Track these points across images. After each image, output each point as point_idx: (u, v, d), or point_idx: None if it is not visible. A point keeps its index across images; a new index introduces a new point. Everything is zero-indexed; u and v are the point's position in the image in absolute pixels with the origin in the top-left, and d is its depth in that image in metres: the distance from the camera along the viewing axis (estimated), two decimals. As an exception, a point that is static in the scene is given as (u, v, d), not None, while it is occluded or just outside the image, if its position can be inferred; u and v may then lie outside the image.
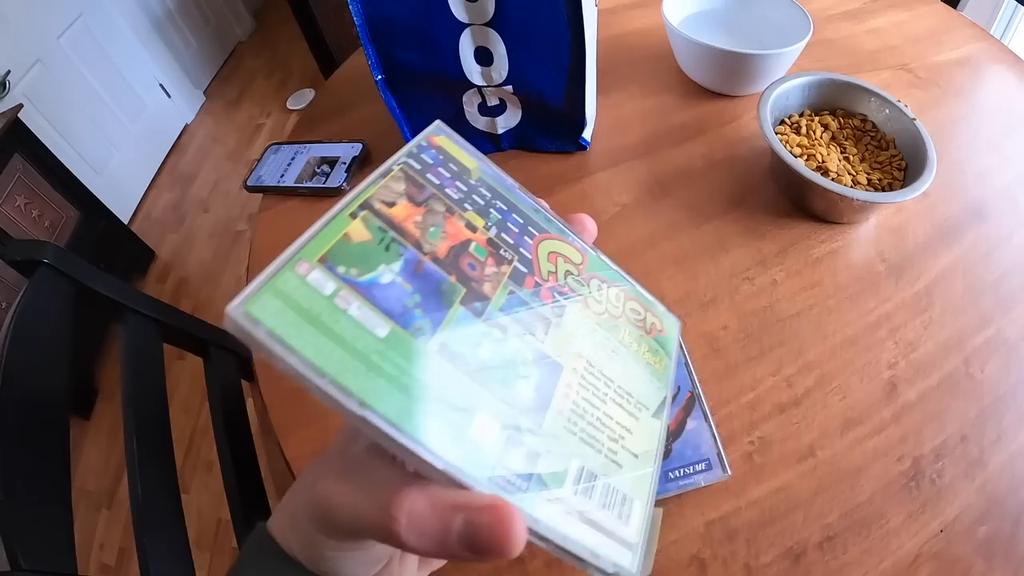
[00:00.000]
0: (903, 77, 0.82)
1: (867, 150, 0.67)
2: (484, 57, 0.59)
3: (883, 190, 0.62)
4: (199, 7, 2.80)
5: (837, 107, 0.71)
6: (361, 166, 0.67)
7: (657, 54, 0.83)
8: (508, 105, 0.66)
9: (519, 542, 0.19)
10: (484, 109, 0.65)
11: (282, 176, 0.67)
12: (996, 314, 0.60)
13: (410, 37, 0.57)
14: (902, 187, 0.60)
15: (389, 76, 0.61)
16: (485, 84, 0.61)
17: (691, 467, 0.45)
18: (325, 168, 0.66)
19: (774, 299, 0.59)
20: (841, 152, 0.67)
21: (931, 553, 0.45)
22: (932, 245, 0.65)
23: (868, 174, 0.64)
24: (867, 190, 0.61)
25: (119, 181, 2.17)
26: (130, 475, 0.61)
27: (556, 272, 0.27)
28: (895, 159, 0.65)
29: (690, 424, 0.47)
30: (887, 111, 0.68)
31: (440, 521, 0.19)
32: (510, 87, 0.62)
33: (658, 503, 0.43)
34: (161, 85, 2.46)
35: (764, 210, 0.66)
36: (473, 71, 0.60)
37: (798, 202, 0.65)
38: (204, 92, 2.84)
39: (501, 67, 0.59)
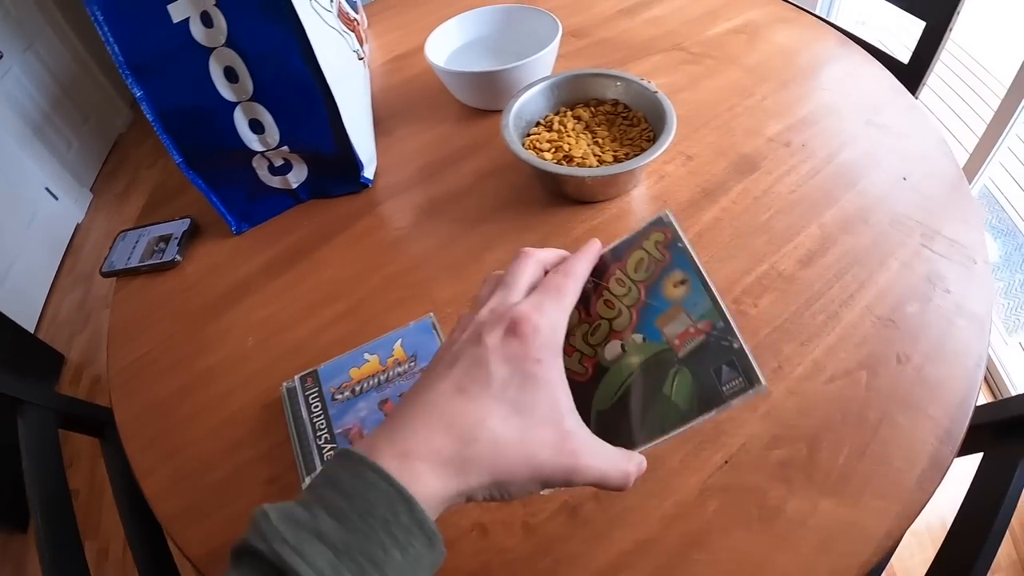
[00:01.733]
0: (676, 56, 0.86)
1: (620, 130, 0.71)
2: (257, 127, 0.66)
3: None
4: (76, 106, 2.81)
5: (591, 98, 0.75)
6: (191, 239, 0.74)
7: (438, 90, 0.89)
8: (292, 163, 0.72)
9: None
10: (273, 169, 0.72)
11: (128, 259, 0.73)
12: (768, 252, 0.62)
13: (195, 121, 0.64)
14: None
15: (188, 158, 0.67)
16: (264, 149, 0.68)
17: None
18: (162, 245, 0.73)
19: None
20: (592, 138, 0.70)
21: (718, 486, 0.46)
22: (697, 203, 0.67)
23: (615, 152, 0.68)
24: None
25: (21, 289, 2.15)
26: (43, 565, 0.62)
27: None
28: (645, 132, 0.69)
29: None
30: (634, 91, 0.71)
31: (638, 471, 0.33)
32: (286, 147, 0.68)
33: None
34: (47, 189, 2.43)
35: (528, 207, 0.70)
36: (252, 140, 0.66)
37: (556, 192, 0.69)
38: (91, 189, 2.78)
39: (272, 133, 0.66)
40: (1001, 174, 2.09)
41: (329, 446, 0.48)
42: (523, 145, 0.71)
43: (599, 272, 0.39)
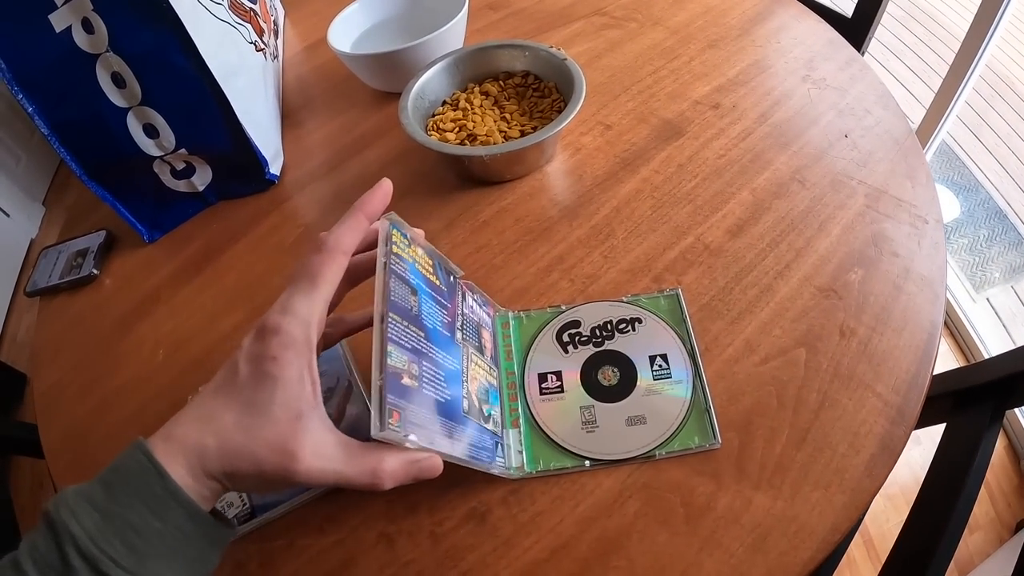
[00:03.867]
0: (597, 22, 0.81)
1: (531, 103, 0.65)
2: (151, 131, 0.64)
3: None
4: (21, 118, 2.68)
5: (500, 71, 0.69)
6: (108, 251, 0.71)
7: (349, 75, 0.83)
8: (195, 165, 0.69)
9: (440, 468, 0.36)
10: (176, 173, 0.69)
11: (49, 276, 0.71)
12: (693, 223, 0.57)
13: (89, 131, 0.62)
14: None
15: (88, 169, 0.65)
16: (162, 153, 0.65)
17: None
18: (79, 260, 0.71)
19: None
20: (500, 113, 0.64)
21: (638, 484, 0.42)
22: (616, 174, 0.62)
23: (523, 126, 0.62)
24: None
25: None
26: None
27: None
28: (556, 103, 0.63)
29: (350, 411, 0.48)
30: (542, 60, 0.66)
31: (405, 471, 0.35)
32: (183, 150, 0.66)
33: (336, 492, 0.45)
34: None
35: (433, 192, 0.65)
36: (148, 145, 0.64)
37: (464, 175, 0.64)
38: (43, 203, 2.77)
39: (168, 136, 0.64)
40: (960, 129, 2.06)
41: None
42: (427, 127, 0.65)
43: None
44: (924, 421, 0.62)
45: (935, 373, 0.61)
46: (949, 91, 1.39)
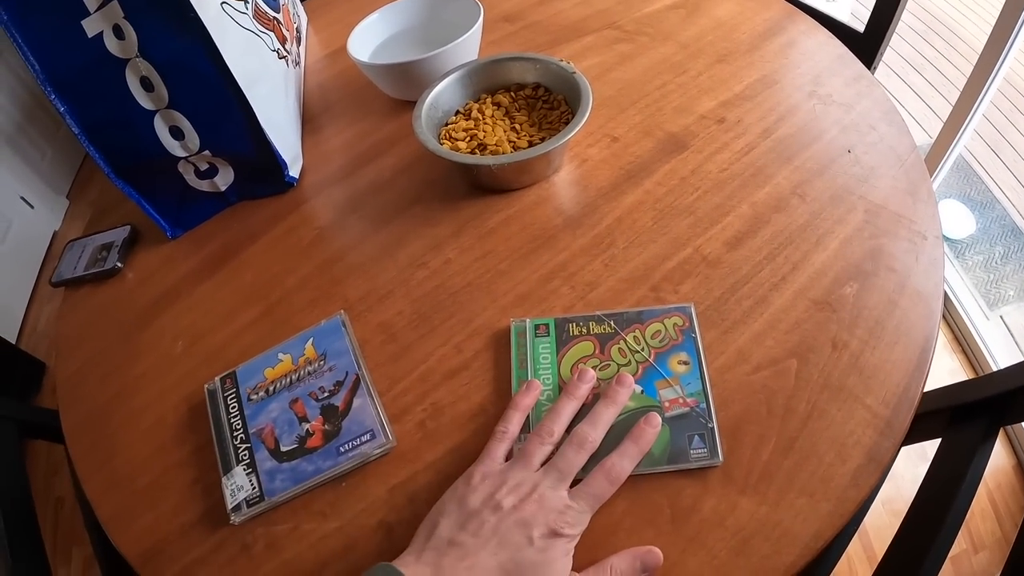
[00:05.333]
0: (609, 35, 0.82)
1: (540, 114, 0.67)
2: (177, 133, 0.66)
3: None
4: (48, 113, 2.76)
5: (512, 83, 0.71)
6: (132, 245, 0.74)
7: (368, 83, 0.85)
8: (218, 166, 0.72)
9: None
10: (200, 174, 0.72)
11: (75, 268, 0.74)
12: (692, 235, 0.58)
13: (118, 132, 0.65)
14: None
15: (116, 168, 0.68)
16: (187, 155, 0.68)
17: (357, 439, 0.48)
18: (104, 254, 0.74)
19: (445, 277, 0.59)
20: (511, 124, 0.66)
21: (628, 484, 0.43)
22: (619, 186, 0.64)
23: (531, 137, 0.64)
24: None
25: (0, 300, 2.11)
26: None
27: None
28: (564, 115, 0.65)
29: (356, 403, 0.50)
30: (552, 73, 0.68)
31: (632, 568, 0.40)
32: (207, 152, 0.68)
33: (341, 477, 0.47)
34: (23, 198, 2.38)
35: (443, 200, 0.66)
36: (174, 147, 0.67)
37: (473, 183, 0.65)
38: (67, 196, 2.80)
39: (192, 138, 0.67)
40: (978, 144, 2.05)
41: (244, 446, 0.49)
42: (440, 136, 0.67)
43: (622, 325, 0.51)
44: (920, 436, 0.63)
45: (937, 388, 0.63)
46: (966, 104, 1.38)
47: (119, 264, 0.72)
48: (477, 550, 0.38)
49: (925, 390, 0.47)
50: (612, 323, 0.51)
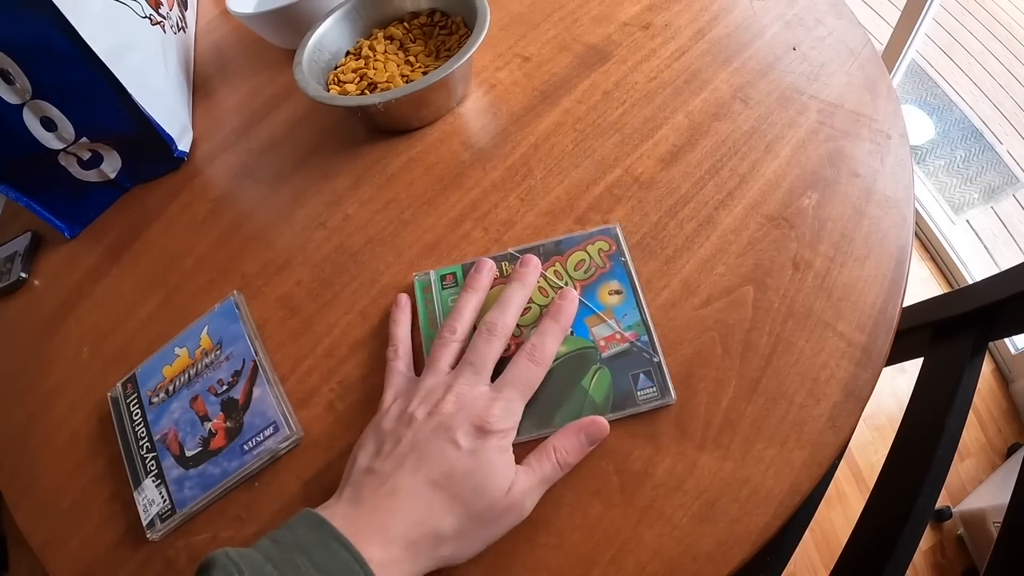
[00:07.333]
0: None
1: (438, 42, 0.58)
2: (49, 124, 0.61)
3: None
4: None
5: (404, 13, 0.63)
6: (35, 252, 0.69)
7: (257, 39, 0.77)
8: (102, 153, 0.67)
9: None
10: (84, 164, 0.67)
11: None
12: (621, 155, 0.50)
13: None
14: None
15: None
16: (64, 145, 0.63)
17: (260, 434, 0.43)
18: (8, 265, 0.69)
19: (345, 236, 0.53)
20: (405, 57, 0.57)
21: None
22: (534, 108, 0.56)
23: (426, 68, 0.55)
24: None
25: None
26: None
27: None
28: (464, 39, 0.57)
29: (256, 393, 0.45)
30: (448, -5, 0.58)
31: (578, 441, 0.36)
32: (85, 139, 0.63)
33: (252, 478, 0.43)
34: None
35: (341, 148, 0.60)
36: (49, 139, 0.62)
37: (371, 127, 0.59)
38: None
39: (66, 127, 0.62)
40: (931, 48, 1.99)
41: (151, 456, 0.45)
42: (328, 81, 0.58)
43: (542, 258, 0.44)
44: (899, 356, 0.57)
45: (914, 303, 0.56)
46: (916, 7, 1.32)
47: (23, 275, 0.67)
48: (395, 470, 0.34)
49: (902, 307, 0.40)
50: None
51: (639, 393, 0.38)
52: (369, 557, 0.30)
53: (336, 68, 0.60)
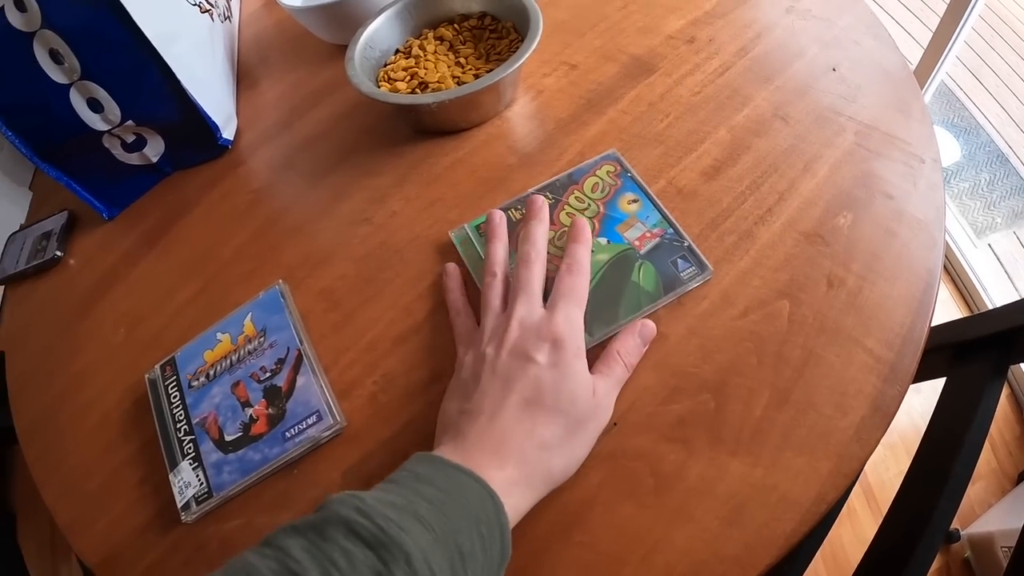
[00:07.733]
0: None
1: (488, 46, 0.60)
2: (96, 106, 0.62)
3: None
4: None
5: (455, 15, 0.64)
6: (71, 231, 0.70)
7: (302, 32, 0.78)
8: (146, 136, 0.67)
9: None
10: (127, 147, 0.67)
11: (17, 262, 0.70)
12: (665, 165, 0.52)
13: (34, 112, 0.61)
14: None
15: (37, 150, 0.64)
16: (110, 127, 0.63)
17: (303, 422, 0.44)
18: (44, 243, 0.70)
19: (390, 232, 0.54)
20: (455, 58, 0.59)
21: (603, 453, 0.38)
22: (580, 116, 0.57)
23: (477, 70, 0.56)
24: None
25: None
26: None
27: None
28: (514, 44, 0.58)
29: (299, 381, 0.46)
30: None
31: (635, 343, 0.40)
32: (131, 122, 0.64)
33: (291, 465, 0.43)
34: None
35: (386, 146, 0.60)
36: (94, 120, 0.62)
37: (417, 126, 0.59)
38: (29, 187, 2.80)
39: (112, 109, 0.62)
40: (960, 71, 1.98)
41: (189, 439, 0.45)
42: (378, 78, 0.59)
43: (559, 192, 0.49)
44: (920, 376, 0.58)
45: (936, 324, 0.57)
46: (947, 30, 1.32)
47: (59, 253, 0.67)
48: (488, 403, 0.36)
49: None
50: (548, 193, 0.49)
51: (682, 274, 0.43)
52: (489, 478, 0.31)
53: (386, 66, 0.62)
